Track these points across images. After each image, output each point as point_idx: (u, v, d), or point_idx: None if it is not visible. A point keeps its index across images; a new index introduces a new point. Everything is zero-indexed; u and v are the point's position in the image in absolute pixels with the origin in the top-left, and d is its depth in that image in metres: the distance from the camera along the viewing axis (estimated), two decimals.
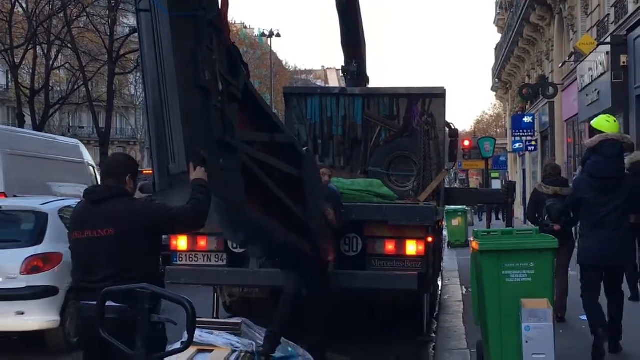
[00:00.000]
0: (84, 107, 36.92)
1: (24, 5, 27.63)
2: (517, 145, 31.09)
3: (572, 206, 7.57)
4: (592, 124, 7.30)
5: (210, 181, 4.52)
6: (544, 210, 8.76)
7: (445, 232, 18.38)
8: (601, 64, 17.41)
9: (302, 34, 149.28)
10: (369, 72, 12.16)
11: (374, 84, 12.70)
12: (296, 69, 68.89)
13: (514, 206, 21.32)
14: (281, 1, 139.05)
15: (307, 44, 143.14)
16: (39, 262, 8.11)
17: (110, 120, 30.07)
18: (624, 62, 16.03)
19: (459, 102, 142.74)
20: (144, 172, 10.25)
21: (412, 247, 7.96)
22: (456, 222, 21.97)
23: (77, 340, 6.62)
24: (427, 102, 10.69)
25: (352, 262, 8.02)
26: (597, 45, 17.54)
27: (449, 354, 7.63)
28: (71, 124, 48.96)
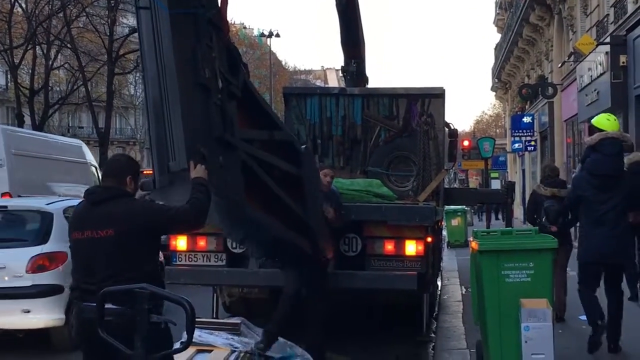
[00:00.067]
0: (84, 107, 36.98)
1: (24, 5, 27.64)
2: (516, 145, 31.11)
3: (571, 204, 7.58)
4: (593, 122, 7.31)
5: (210, 179, 4.52)
6: (542, 211, 8.77)
7: (444, 232, 18.36)
8: (600, 64, 17.40)
9: (302, 34, 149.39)
10: (369, 72, 12.16)
11: (373, 84, 12.71)
12: (295, 69, 68.84)
13: (514, 206, 21.33)
14: (280, 1, 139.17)
15: (307, 44, 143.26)
16: (45, 261, 8.21)
17: (109, 120, 30.09)
18: (623, 62, 16.04)
19: (458, 102, 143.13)
20: (144, 172, 10.25)
21: (411, 247, 7.95)
22: (455, 222, 21.96)
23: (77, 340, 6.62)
24: (427, 102, 10.68)
25: (351, 262, 8.01)
26: (597, 45, 17.54)
27: (448, 354, 7.63)
28: (70, 124, 48.95)
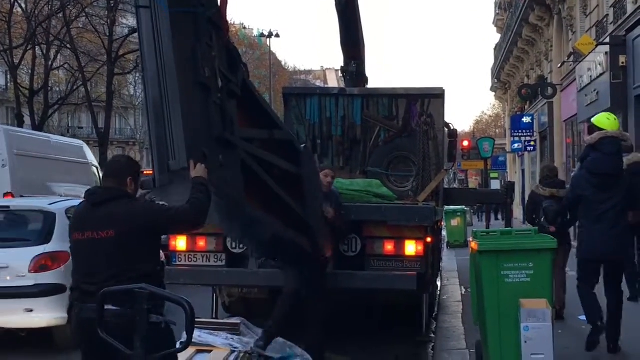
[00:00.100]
0: (83, 107, 36.97)
1: (23, 5, 27.64)
2: (516, 145, 31.10)
3: (570, 204, 7.59)
4: (593, 121, 7.33)
5: (210, 178, 4.53)
6: (541, 211, 8.79)
7: (444, 233, 18.36)
8: (600, 65, 17.41)
9: (301, 34, 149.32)
10: (368, 73, 12.17)
11: (373, 84, 12.71)
12: (295, 69, 68.86)
13: (513, 206, 21.35)
14: (280, 1, 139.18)
15: (306, 45, 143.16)
16: (47, 261, 8.25)
17: (109, 120, 30.08)
18: (622, 63, 16.05)
19: (458, 102, 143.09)
20: (144, 172, 10.24)
21: (411, 248, 7.95)
22: (455, 222, 21.96)
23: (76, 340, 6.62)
24: (426, 102, 10.68)
25: (351, 262, 8.00)
26: (596, 45, 17.55)
27: (447, 354, 7.62)
28: (70, 125, 48.96)
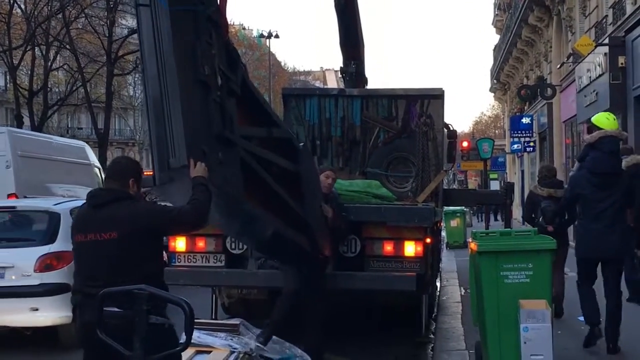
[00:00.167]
0: (83, 108, 36.96)
1: (23, 6, 27.62)
2: (515, 146, 31.14)
3: (568, 203, 7.62)
4: (592, 120, 7.38)
5: (209, 176, 4.55)
6: (539, 211, 8.81)
7: (443, 233, 18.37)
8: (599, 65, 17.42)
9: (301, 35, 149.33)
10: (368, 73, 12.18)
11: (372, 85, 12.72)
12: (295, 70, 68.97)
13: (513, 207, 21.31)
14: (280, 2, 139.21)
15: (306, 45, 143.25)
16: (52, 260, 8.33)
17: (108, 121, 30.05)
18: (622, 63, 16.06)
19: (457, 103, 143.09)
20: (145, 173, 10.25)
21: (410, 248, 7.95)
22: (455, 223, 21.96)
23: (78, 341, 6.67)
24: (426, 103, 10.68)
25: (350, 263, 8.00)
26: (595, 46, 17.56)
27: (447, 355, 7.62)
28: (70, 125, 48.94)
